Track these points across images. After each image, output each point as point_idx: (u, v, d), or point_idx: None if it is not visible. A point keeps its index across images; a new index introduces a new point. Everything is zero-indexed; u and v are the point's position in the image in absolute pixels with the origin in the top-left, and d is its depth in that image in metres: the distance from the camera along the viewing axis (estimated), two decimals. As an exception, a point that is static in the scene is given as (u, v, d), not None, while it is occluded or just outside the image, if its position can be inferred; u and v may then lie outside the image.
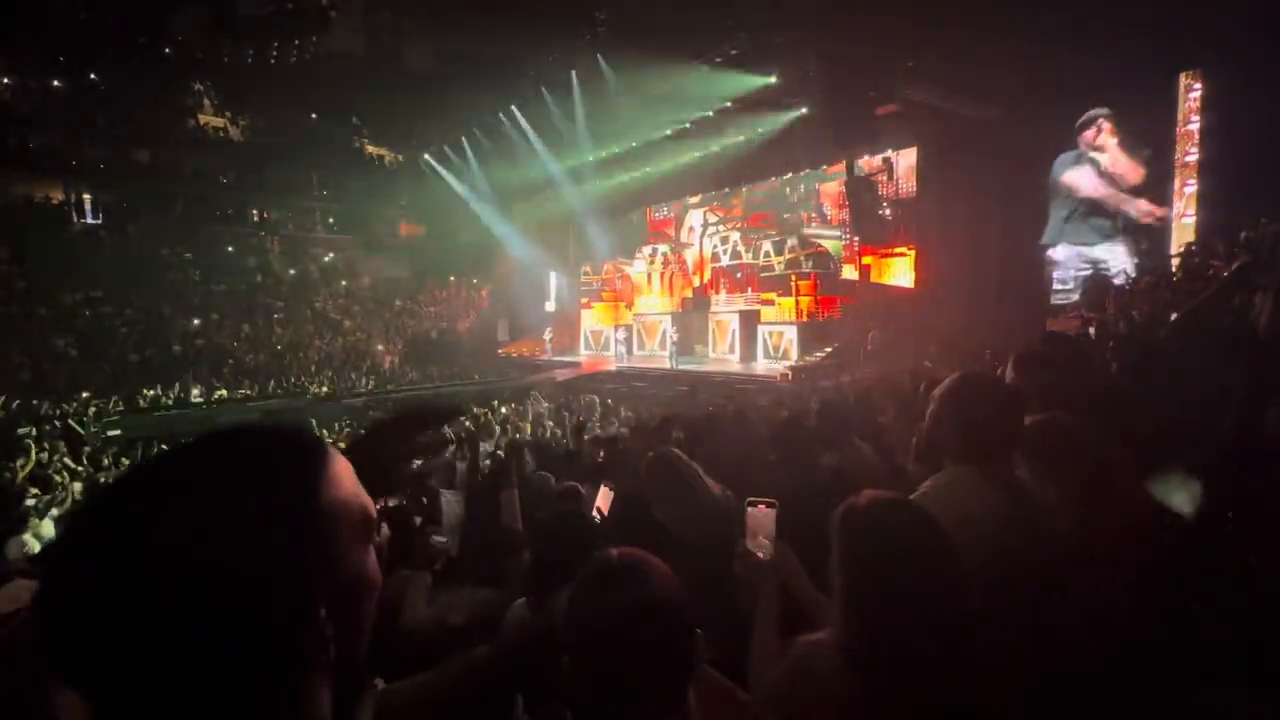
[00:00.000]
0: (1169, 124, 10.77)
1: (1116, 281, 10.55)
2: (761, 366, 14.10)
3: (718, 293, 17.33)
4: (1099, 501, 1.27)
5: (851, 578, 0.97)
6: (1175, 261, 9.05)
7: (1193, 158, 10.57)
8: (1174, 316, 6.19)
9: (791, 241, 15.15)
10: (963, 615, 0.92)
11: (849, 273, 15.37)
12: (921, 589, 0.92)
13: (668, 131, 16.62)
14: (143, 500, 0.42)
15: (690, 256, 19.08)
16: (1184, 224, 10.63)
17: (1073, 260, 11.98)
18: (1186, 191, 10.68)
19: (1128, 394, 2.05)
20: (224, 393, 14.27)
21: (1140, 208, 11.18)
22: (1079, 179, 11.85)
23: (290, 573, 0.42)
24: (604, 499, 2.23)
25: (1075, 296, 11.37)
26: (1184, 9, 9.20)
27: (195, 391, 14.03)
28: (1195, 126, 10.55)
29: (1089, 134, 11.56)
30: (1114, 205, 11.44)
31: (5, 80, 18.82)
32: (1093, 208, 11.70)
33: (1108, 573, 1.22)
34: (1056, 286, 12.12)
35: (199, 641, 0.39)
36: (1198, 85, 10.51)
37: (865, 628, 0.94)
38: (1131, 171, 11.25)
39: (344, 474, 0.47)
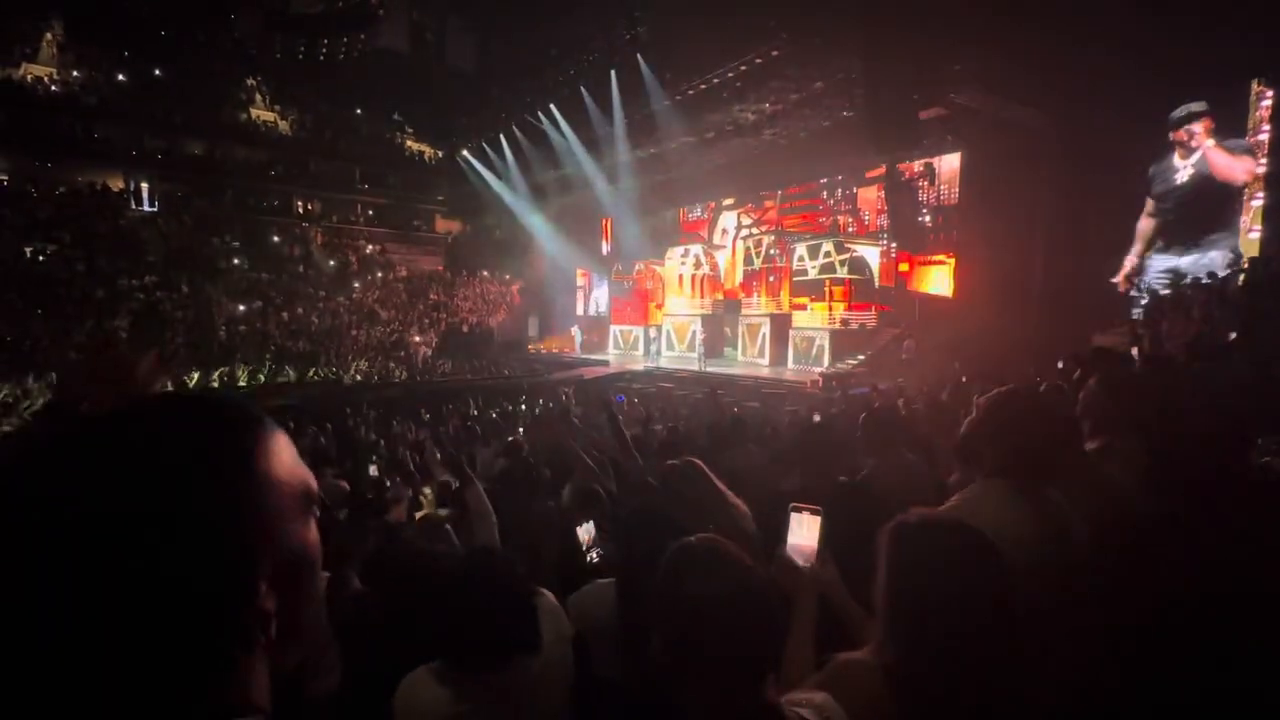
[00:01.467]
0: (1239, 134, 10.17)
1: (1166, 293, 9.92)
2: (791, 371, 13.91)
3: (750, 296, 17.18)
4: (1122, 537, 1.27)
5: (899, 599, 0.95)
6: (1240, 279, 8.55)
7: (1262, 168, 9.98)
8: (1233, 337, 5.85)
9: (827, 246, 14.91)
10: (1012, 642, 0.90)
11: (885, 279, 15.04)
12: (972, 615, 0.90)
13: (705, 133, 16.52)
14: (65, 465, 0.40)
15: (723, 259, 18.96)
16: (1250, 239, 10.04)
17: (1155, 270, 11.08)
18: (1253, 205, 10.08)
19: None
20: (263, 378, 14.78)
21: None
22: (1171, 180, 10.87)
23: (225, 542, 0.40)
24: (587, 536, 2.07)
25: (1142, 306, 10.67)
26: (1253, 13, 8.68)
27: (240, 375, 14.59)
28: (1265, 136, 9.95)
29: (1182, 132, 10.63)
30: (1218, 201, 10.37)
31: (75, 74, 19.92)
32: (1186, 211, 10.70)
33: (1129, 594, 1.20)
34: (1134, 294, 11.33)
35: (125, 614, 0.37)
36: (1269, 94, 9.92)
37: (911, 650, 0.93)
38: (1237, 167, 10.20)
39: (282, 446, 0.47)
